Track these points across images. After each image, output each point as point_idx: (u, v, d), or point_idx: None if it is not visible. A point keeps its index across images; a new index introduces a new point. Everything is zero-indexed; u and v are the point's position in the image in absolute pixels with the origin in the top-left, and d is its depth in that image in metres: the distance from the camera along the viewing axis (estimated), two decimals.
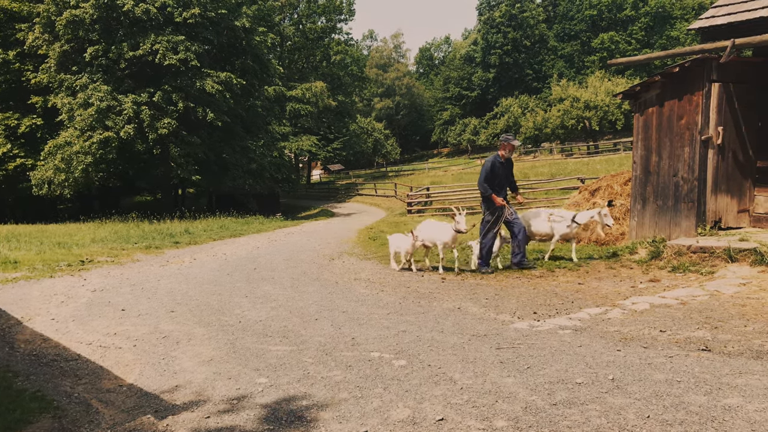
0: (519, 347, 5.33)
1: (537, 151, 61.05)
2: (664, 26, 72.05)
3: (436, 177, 48.55)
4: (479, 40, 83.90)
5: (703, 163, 9.35)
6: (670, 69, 9.61)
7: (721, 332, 5.47)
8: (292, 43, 57.98)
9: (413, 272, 10.20)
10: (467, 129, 79.84)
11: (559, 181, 29.22)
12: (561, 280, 8.55)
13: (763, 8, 9.19)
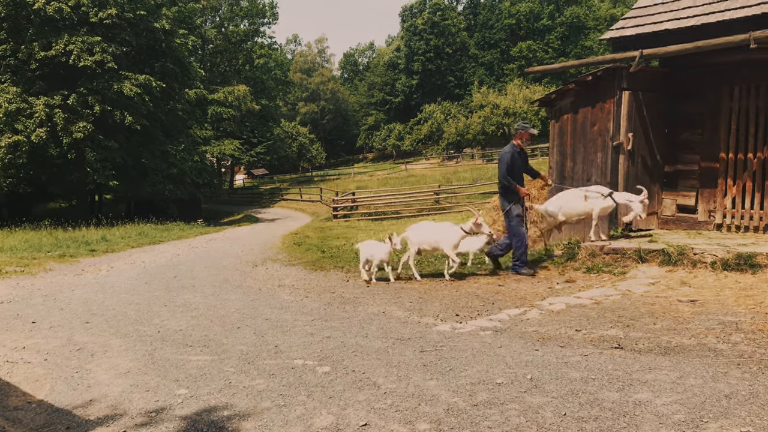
0: (442, 350, 5.40)
1: (459, 157, 62.16)
2: (578, 36, 74.81)
3: (362, 182, 48.73)
4: (402, 47, 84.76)
5: (614, 168, 9.76)
6: (584, 77, 9.99)
7: (632, 330, 5.71)
8: (214, 46, 56.95)
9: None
10: (392, 134, 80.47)
11: (481, 185, 29.87)
12: (482, 282, 8.73)
13: (668, 21, 9.69)
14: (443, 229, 9.39)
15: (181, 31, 34.74)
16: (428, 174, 48.35)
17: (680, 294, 6.96)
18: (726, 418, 3.61)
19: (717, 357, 4.78)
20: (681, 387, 4.13)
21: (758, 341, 5.10)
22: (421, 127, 73.84)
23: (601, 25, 71.86)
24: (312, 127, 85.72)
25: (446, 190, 30.26)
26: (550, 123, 10.96)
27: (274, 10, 61.15)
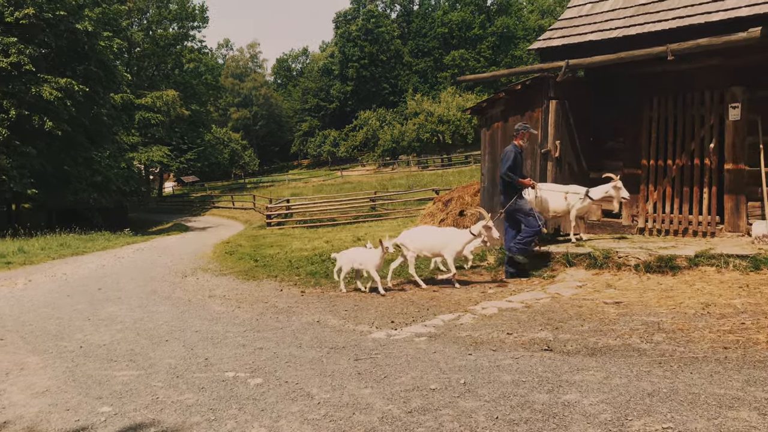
0: (376, 357, 5.41)
1: (395, 164, 62.57)
2: (509, 46, 76.59)
3: (297, 189, 48.37)
4: (336, 53, 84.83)
5: (543, 175, 10.02)
6: (513, 87, 10.24)
7: (561, 332, 5.87)
8: (142, 50, 55.44)
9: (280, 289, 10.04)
10: (327, 141, 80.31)
11: (416, 192, 30.13)
12: (417, 289, 8.80)
13: (592, 33, 10.05)
14: (447, 233, 8.92)
15: (105, 34, 33.68)
16: (364, 180, 48.45)
17: (606, 296, 7.20)
18: (649, 415, 3.74)
19: (640, 356, 4.96)
20: (607, 387, 4.26)
21: (678, 340, 5.32)
22: (357, 134, 73.97)
23: (530, 35, 73.78)
24: (244, 133, 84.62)
25: (382, 196, 30.37)
26: (481, 131, 11.17)
27: (204, 13, 60.03)
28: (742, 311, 6.04)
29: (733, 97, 9.20)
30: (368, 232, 18.46)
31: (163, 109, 47.75)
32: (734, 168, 9.21)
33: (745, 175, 9.17)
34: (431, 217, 13.00)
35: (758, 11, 8.41)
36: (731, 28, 8.46)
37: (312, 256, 13.02)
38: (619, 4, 10.31)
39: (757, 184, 9.01)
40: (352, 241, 15.52)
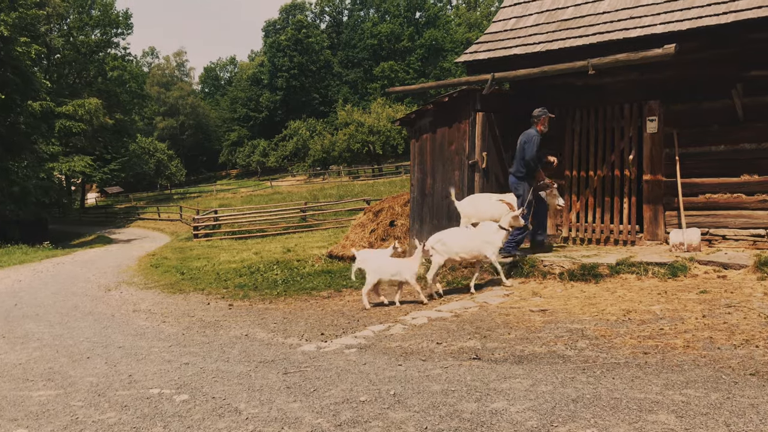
0: (306, 370, 5.34)
1: (326, 174, 62.42)
2: (437, 58, 77.77)
3: (225, 199, 47.56)
4: (266, 63, 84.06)
5: (470, 185, 10.18)
6: (441, 99, 10.38)
7: (489, 341, 5.95)
8: (62, 56, 53.37)
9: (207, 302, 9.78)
10: (256, 150, 79.34)
11: (347, 202, 30.12)
12: (347, 300, 8.76)
13: (516, 47, 10.30)
14: (483, 232, 8.29)
15: (22, 39, 32.26)
16: (294, 191, 48.09)
17: (532, 304, 7.35)
18: (573, 421, 3.82)
19: (565, 363, 5.07)
20: (533, 394, 4.34)
21: (601, 346, 5.48)
22: (287, 144, 73.43)
23: (458, 47, 75.16)
24: (171, 142, 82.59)
25: (313, 207, 30.21)
26: (411, 142, 11.26)
27: (128, 20, 58.38)
28: (660, 317, 6.27)
29: (650, 110, 9.60)
30: (299, 243, 18.32)
31: (86, 118, 46.02)
32: (652, 179, 9.60)
33: (663, 186, 9.57)
34: (362, 227, 12.99)
35: (672, 29, 8.81)
36: (648, 44, 8.83)
37: (240, 268, 12.81)
38: (542, 19, 10.62)
39: (674, 195, 9.41)
40: (282, 252, 15.37)
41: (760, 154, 8.89)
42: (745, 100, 8.89)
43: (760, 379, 4.38)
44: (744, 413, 3.79)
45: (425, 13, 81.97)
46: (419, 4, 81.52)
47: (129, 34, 59.26)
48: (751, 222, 8.95)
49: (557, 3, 10.73)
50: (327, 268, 11.53)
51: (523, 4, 11.19)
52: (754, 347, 5.13)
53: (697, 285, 7.39)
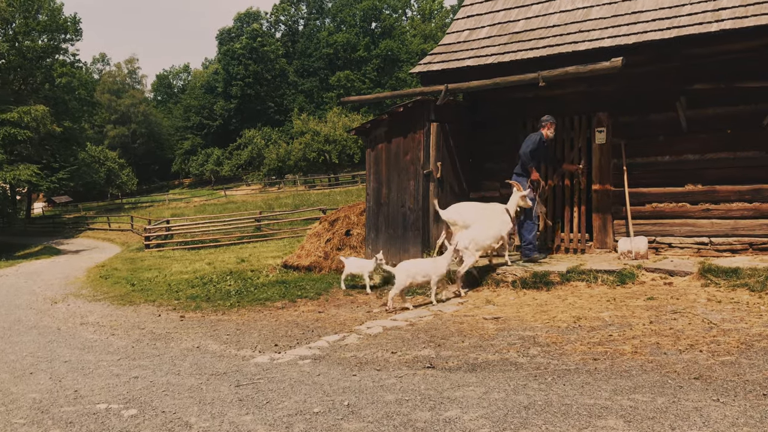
0: (259, 382, 5.28)
1: (281, 183, 62.00)
2: (393, 68, 78.23)
3: (178, 209, 46.78)
4: (220, 71, 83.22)
5: (425, 195, 10.26)
6: (396, 109, 10.44)
7: (443, 349, 5.98)
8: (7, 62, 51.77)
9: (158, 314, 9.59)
10: (210, 159, 78.35)
11: (303, 211, 29.95)
12: (302, 310, 8.70)
13: (469, 58, 10.44)
14: (494, 215, 8.82)
15: None
16: (249, 200, 47.59)
17: (485, 312, 7.43)
18: (525, 428, 3.87)
19: (517, 370, 5.14)
20: (486, 402, 4.38)
21: (552, 353, 5.57)
22: (241, 153, 72.69)
23: (413, 58, 75.74)
24: (122, 151, 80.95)
25: (268, 216, 29.93)
26: (366, 151, 11.28)
27: (77, 26, 56.98)
28: (609, 323, 6.41)
29: (599, 121, 9.83)
30: (253, 253, 18.13)
31: (32, 125, 44.68)
32: (601, 188, 9.82)
33: (611, 195, 9.80)
34: (317, 236, 12.92)
35: (620, 42, 9.06)
36: (597, 57, 9.05)
37: (193, 279, 12.61)
38: (495, 31, 10.79)
39: (622, 204, 9.65)
40: (236, 263, 15.19)
41: (703, 165, 9.19)
42: (689, 113, 9.18)
43: (704, 383, 4.51)
44: (688, 416, 3.90)
45: (381, 23, 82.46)
46: (375, 14, 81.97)
47: (78, 40, 57.68)
48: (695, 230, 9.23)
49: (509, 16, 10.93)
50: (282, 279, 11.43)
51: (476, 16, 11.36)
52: (698, 352, 5.29)
53: (644, 292, 7.58)
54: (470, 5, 11.70)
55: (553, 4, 10.55)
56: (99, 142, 76.08)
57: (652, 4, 9.44)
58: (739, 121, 8.91)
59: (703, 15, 8.73)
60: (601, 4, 9.99)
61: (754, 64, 8.72)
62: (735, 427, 3.70)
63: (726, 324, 6.05)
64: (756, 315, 6.30)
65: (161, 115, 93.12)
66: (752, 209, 8.85)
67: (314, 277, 10.94)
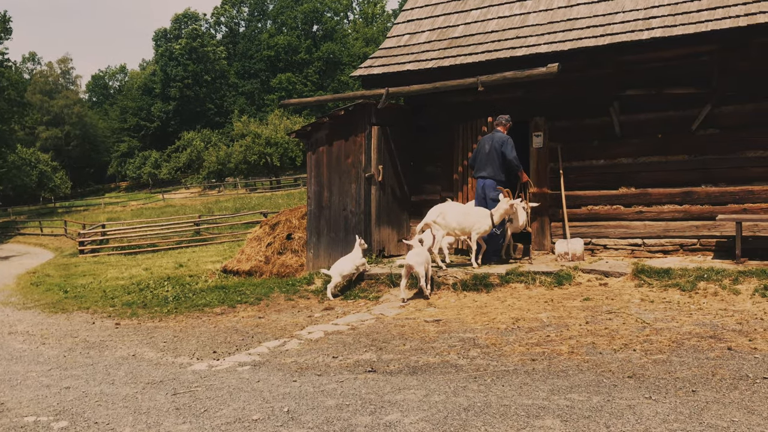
0: (196, 390, 5.16)
1: (221, 186, 61.04)
2: (335, 71, 78.06)
3: (114, 213, 45.56)
4: (158, 72, 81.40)
5: (367, 198, 10.26)
6: (337, 112, 10.41)
7: (384, 353, 5.98)
8: None
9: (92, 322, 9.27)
10: (148, 162, 76.40)
11: (244, 215, 29.58)
12: (242, 316, 8.56)
13: (409, 62, 10.51)
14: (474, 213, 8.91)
15: None
16: (188, 204, 46.70)
17: (427, 315, 7.46)
18: (465, 429, 3.90)
19: (458, 372, 5.18)
20: (426, 404, 4.39)
21: (492, 355, 5.63)
22: (180, 155, 71.17)
23: (355, 61, 75.77)
24: (55, 153, 78.10)
25: (207, 220, 29.41)
26: (307, 154, 11.20)
27: (6, 24, 54.85)
28: (547, 324, 6.54)
29: (536, 126, 10.03)
30: (192, 258, 17.78)
31: None
32: (538, 191, 10.01)
33: (548, 198, 10.01)
34: (258, 241, 12.76)
35: (555, 48, 9.28)
36: (534, 62, 9.25)
37: (129, 285, 12.27)
38: (434, 36, 10.90)
39: (559, 206, 9.87)
40: (174, 268, 14.86)
41: (636, 168, 9.49)
42: (622, 118, 9.47)
43: (637, 381, 4.64)
44: (622, 414, 4.00)
45: (323, 26, 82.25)
46: (317, 17, 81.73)
47: (8, 39, 55.55)
48: (629, 232, 9.52)
49: (448, 21, 11.05)
50: (221, 284, 11.23)
51: (416, 21, 11.45)
52: (632, 351, 5.44)
53: (580, 293, 7.77)
54: (410, 10, 11.79)
55: (492, 10, 10.73)
56: (30, 144, 73.28)
57: (586, 12, 9.70)
58: (670, 126, 9.25)
59: (635, 23, 9.03)
60: (537, 10, 10.21)
61: (682, 71, 9.07)
62: (666, 424, 3.82)
63: (658, 323, 6.25)
64: (686, 314, 6.53)
65: (97, 116, 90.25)
66: (683, 211, 9.19)
67: (255, 282, 10.80)
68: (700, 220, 9.06)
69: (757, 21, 8.03)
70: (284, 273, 11.79)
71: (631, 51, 9.05)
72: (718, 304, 6.86)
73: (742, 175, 8.86)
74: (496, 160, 9.26)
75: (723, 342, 5.51)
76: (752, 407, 4.03)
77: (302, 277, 10.47)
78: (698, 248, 9.10)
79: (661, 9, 9.05)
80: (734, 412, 3.96)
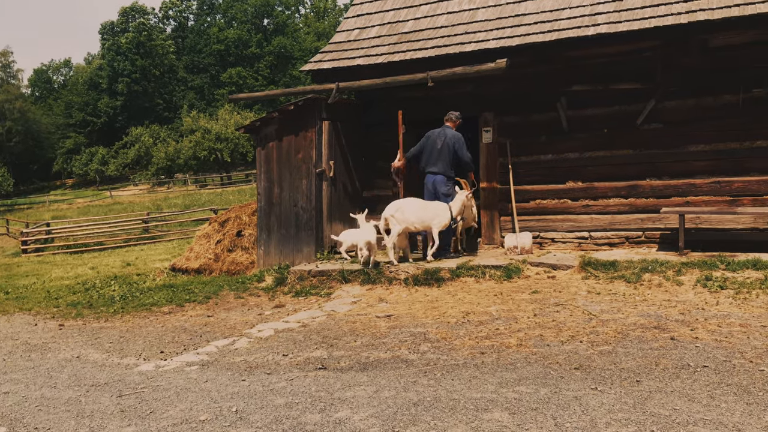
0: (143, 392, 5.04)
1: (171, 182, 59.95)
2: (287, 66, 77.41)
3: (60, 211, 44.28)
4: (105, 66, 79.37)
5: (318, 194, 10.19)
6: (286, 106, 10.31)
7: (335, 350, 5.94)
8: None
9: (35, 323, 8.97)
10: (95, 158, 74.47)
11: (193, 212, 29.13)
12: (190, 314, 8.41)
13: (359, 57, 10.46)
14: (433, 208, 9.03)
15: None
16: (137, 201, 45.71)
17: (378, 310, 7.46)
18: (414, 425, 3.90)
19: (408, 367, 5.18)
20: (376, 400, 4.38)
21: (442, 349, 5.66)
22: (128, 151, 69.62)
23: (307, 56, 75.19)
24: None
25: (156, 217, 28.88)
26: (257, 150, 11.07)
27: None
28: (497, 317, 6.60)
29: (485, 121, 10.12)
30: (140, 256, 17.41)
31: None
32: (488, 186, 10.12)
33: (498, 193, 10.12)
34: (207, 238, 12.54)
35: (504, 44, 9.36)
36: (483, 58, 9.31)
37: (74, 285, 11.92)
38: (384, 31, 10.87)
39: (508, 201, 9.99)
40: (121, 267, 14.53)
41: (582, 163, 9.67)
42: (569, 113, 9.63)
43: (583, 373, 4.72)
44: (569, 406, 4.05)
45: (274, 20, 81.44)
46: (267, 11, 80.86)
47: None
48: (576, 225, 9.70)
49: (398, 16, 11.04)
50: (170, 282, 11.00)
51: (366, 15, 11.41)
52: (579, 342, 5.53)
53: (529, 286, 7.87)
54: (360, 4, 11.74)
55: (441, 5, 10.76)
56: None
57: (534, 8, 9.82)
58: (616, 121, 9.44)
59: (581, 19, 9.18)
60: (486, 6, 10.28)
61: (627, 67, 9.27)
62: (611, 414, 3.89)
63: (604, 315, 6.38)
64: (632, 305, 6.68)
65: (40, 111, 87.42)
66: (628, 204, 9.40)
67: (204, 280, 10.62)
68: (645, 213, 9.29)
69: (698, 18, 8.26)
70: (234, 271, 11.62)
71: (577, 47, 9.20)
72: (662, 295, 7.04)
73: (684, 169, 9.11)
74: (448, 157, 9.34)
75: (666, 332, 5.65)
76: (693, 395, 4.14)
77: (252, 275, 10.34)
78: (643, 240, 9.32)
79: (607, 5, 9.22)
80: (676, 400, 4.07)
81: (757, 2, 8.07)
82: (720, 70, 8.82)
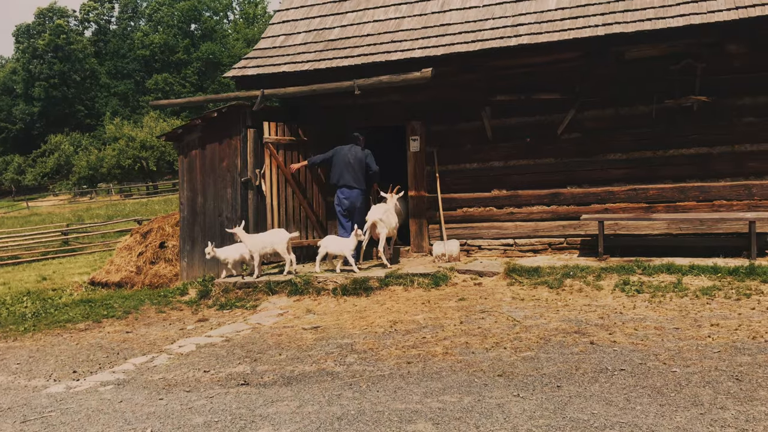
0: (50, 415, 4.75)
1: (93, 192, 57.78)
2: (215, 72, 75.79)
3: None
4: (19, 70, 75.90)
5: (244, 204, 9.97)
6: (209, 114, 10.06)
7: (259, 364, 5.78)
8: None
9: None
10: (10, 167, 70.99)
11: (117, 223, 28.15)
12: (108, 330, 8.04)
13: (285, 64, 10.31)
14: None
15: None
16: (57, 212, 43.73)
17: (305, 322, 7.32)
18: None
19: (333, 380, 5.08)
20: (299, 416, 4.26)
21: (368, 360, 5.58)
22: (47, 160, 66.68)
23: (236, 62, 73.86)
24: None
25: (77, 229, 27.69)
26: (179, 158, 10.75)
27: None
28: (424, 326, 6.58)
29: (413, 130, 10.15)
30: (58, 270, 16.65)
31: None
32: (416, 194, 10.14)
33: (426, 201, 10.16)
34: (128, 250, 12.09)
35: (429, 53, 9.40)
36: (409, 67, 9.33)
37: None
38: (310, 38, 10.76)
39: (436, 209, 10.04)
40: (36, 281, 13.84)
41: (506, 171, 9.82)
42: (494, 122, 9.78)
43: (506, 379, 4.74)
44: (491, 413, 4.05)
45: (202, 25, 79.80)
46: (195, 16, 79.18)
47: None
48: (501, 233, 9.82)
49: (324, 23, 10.96)
50: (88, 297, 10.52)
51: (292, 22, 11.27)
52: (503, 349, 5.57)
53: (456, 293, 7.91)
54: (285, 10, 11.60)
55: (367, 13, 10.75)
56: None
57: (459, 18, 9.92)
58: (538, 130, 9.63)
59: (504, 30, 9.33)
60: (412, 15, 10.33)
61: (548, 78, 9.48)
62: (532, 420, 3.91)
63: (528, 321, 6.45)
64: (554, 311, 6.79)
65: None
66: (550, 212, 9.60)
67: (125, 294, 10.20)
68: (567, 220, 9.50)
69: (613, 30, 8.51)
70: (157, 284, 11.24)
71: (500, 57, 9.33)
72: (582, 300, 7.19)
73: (603, 177, 9.38)
74: (360, 172, 9.65)
75: (586, 336, 5.76)
76: (610, 399, 4.21)
77: (175, 288, 10.01)
78: (565, 247, 9.53)
79: (528, 17, 9.40)
80: (594, 404, 4.12)
81: (667, 17, 8.40)
82: (635, 82, 9.13)
